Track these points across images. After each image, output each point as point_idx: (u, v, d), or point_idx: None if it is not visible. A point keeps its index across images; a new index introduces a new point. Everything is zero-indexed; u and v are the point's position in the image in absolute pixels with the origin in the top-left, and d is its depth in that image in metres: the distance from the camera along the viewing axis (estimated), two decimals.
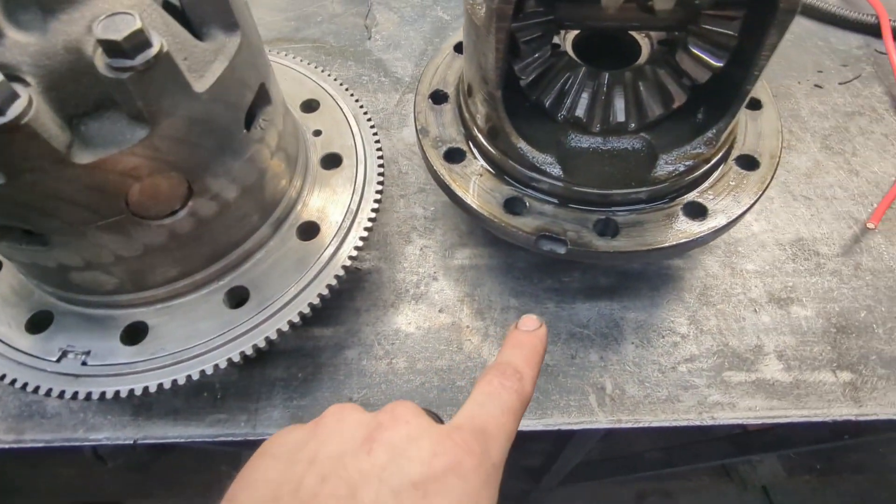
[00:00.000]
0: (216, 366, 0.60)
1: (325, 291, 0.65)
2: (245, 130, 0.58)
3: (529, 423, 0.70)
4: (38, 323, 0.63)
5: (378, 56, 1.09)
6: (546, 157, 0.68)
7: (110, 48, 0.42)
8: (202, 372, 0.60)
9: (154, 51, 0.43)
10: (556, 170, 0.68)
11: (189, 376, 0.59)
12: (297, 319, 0.63)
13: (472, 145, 0.76)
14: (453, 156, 0.75)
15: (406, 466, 0.40)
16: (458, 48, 0.86)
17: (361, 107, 0.81)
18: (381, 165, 0.75)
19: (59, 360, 0.61)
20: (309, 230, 0.69)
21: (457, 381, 0.74)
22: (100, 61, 0.44)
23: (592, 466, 1.90)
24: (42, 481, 2.17)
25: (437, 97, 0.81)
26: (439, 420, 0.48)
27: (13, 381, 0.60)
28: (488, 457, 0.42)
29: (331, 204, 0.71)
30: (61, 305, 0.64)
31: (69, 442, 0.70)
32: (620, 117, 0.68)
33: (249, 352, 0.61)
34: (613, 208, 0.70)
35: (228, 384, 0.73)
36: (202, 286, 0.65)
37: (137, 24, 0.42)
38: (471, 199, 0.71)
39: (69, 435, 0.71)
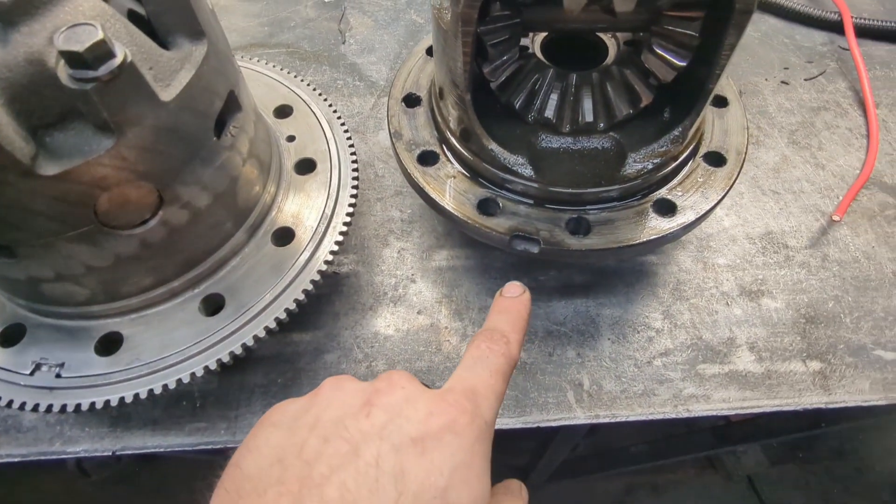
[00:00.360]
0: (193, 374, 0.60)
1: (302, 297, 0.65)
2: (215, 138, 0.58)
3: (508, 422, 0.71)
4: (11, 336, 0.63)
5: (352, 60, 1.09)
6: (517, 158, 0.69)
7: (72, 59, 0.42)
8: (179, 381, 0.60)
9: (117, 61, 0.44)
10: (528, 170, 0.69)
11: (165, 386, 0.59)
12: (274, 325, 0.63)
13: (445, 148, 0.77)
14: (427, 159, 0.76)
15: (404, 425, 0.42)
16: (430, 51, 0.87)
17: (335, 111, 0.82)
18: (355, 170, 0.76)
19: (32, 374, 0.60)
20: (284, 236, 0.69)
21: (436, 381, 0.74)
22: (62, 73, 0.44)
23: (580, 462, 1.91)
24: (25, 497, 2.13)
25: (410, 100, 0.82)
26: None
27: None
28: (480, 414, 0.44)
29: (305, 209, 0.71)
30: (33, 318, 0.63)
31: (46, 455, 0.70)
32: (589, 117, 0.69)
33: (226, 359, 0.61)
34: (585, 207, 0.71)
35: (207, 392, 0.73)
36: (177, 294, 0.64)
37: (99, 35, 0.42)
38: (445, 201, 0.72)
39: (46, 448, 0.70)
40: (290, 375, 0.75)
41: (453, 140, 0.74)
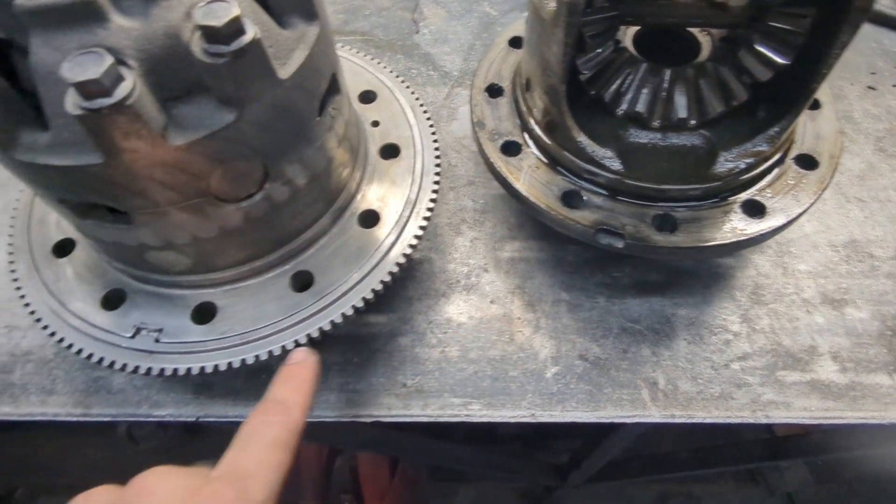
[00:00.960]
0: (283, 347, 0.62)
1: (388, 279, 0.66)
2: (318, 118, 0.59)
3: (582, 416, 0.71)
4: (112, 300, 0.65)
5: (426, 50, 1.10)
6: (606, 152, 0.69)
7: (210, 34, 0.44)
8: (270, 353, 0.62)
9: (248, 38, 0.45)
10: (616, 164, 0.69)
11: (257, 356, 0.61)
12: (361, 305, 0.65)
13: (528, 138, 0.77)
14: (510, 148, 0.76)
15: None
16: (513, 43, 0.87)
17: (417, 99, 0.82)
18: (437, 157, 0.76)
19: (133, 337, 0.63)
20: (369, 219, 0.70)
21: (509, 371, 0.74)
22: (196, 47, 0.45)
23: (618, 465, 1.89)
24: (75, 460, 2.23)
25: (493, 91, 0.82)
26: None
27: (90, 356, 0.62)
28: (248, 498, 0.42)
29: (390, 194, 0.72)
30: (134, 284, 0.66)
31: (134, 417, 0.73)
32: (682, 113, 0.68)
33: (315, 335, 0.63)
34: (670, 204, 0.70)
35: None
36: (268, 269, 0.66)
37: (236, 12, 0.44)
38: (528, 191, 0.72)
39: (133, 410, 0.73)
40: (365, 356, 0.76)
41: (538, 130, 0.74)
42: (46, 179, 0.49)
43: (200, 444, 2.10)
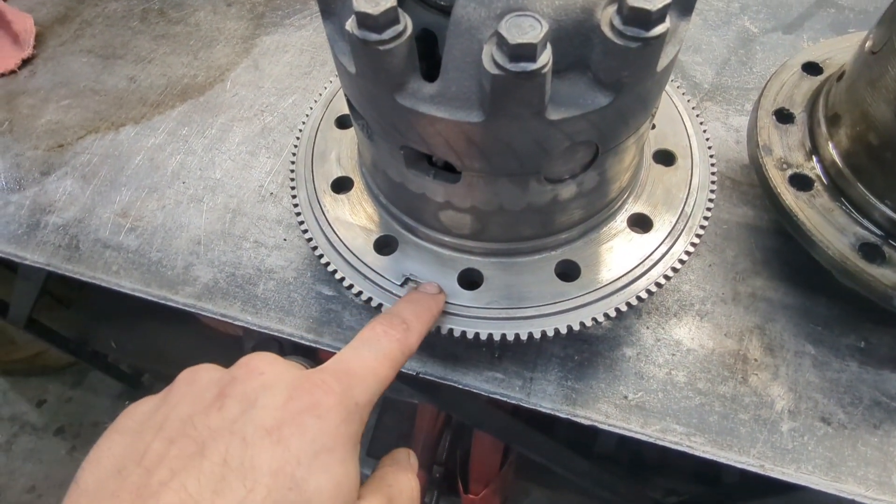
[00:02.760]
0: (544, 333, 0.62)
1: (654, 288, 0.64)
2: (652, 113, 0.57)
3: (819, 483, 0.66)
4: (383, 245, 0.68)
5: None
6: None
7: (635, 17, 0.42)
8: (530, 335, 0.61)
9: (665, 26, 0.43)
10: None
11: (517, 335, 0.61)
12: (625, 308, 0.63)
13: (821, 174, 0.71)
14: (800, 182, 0.71)
15: (258, 415, 0.40)
16: (808, 68, 0.80)
17: (694, 108, 0.78)
18: (713, 173, 0.72)
19: (402, 285, 0.65)
20: (641, 222, 0.68)
21: (739, 413, 0.70)
22: (606, 26, 0.44)
23: None
24: (201, 360, 2.42)
25: (782, 116, 0.76)
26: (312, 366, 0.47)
27: (359, 293, 0.65)
28: (350, 396, 0.42)
29: (663, 202, 0.69)
30: (404, 233, 0.68)
31: None
32: None
33: (576, 328, 0.62)
34: None
35: (507, 346, 0.75)
36: (536, 251, 0.66)
37: (664, 1, 0.42)
38: (818, 233, 0.67)
39: None
40: (586, 356, 0.75)
41: (839, 169, 0.68)
42: (414, 126, 0.50)
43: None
